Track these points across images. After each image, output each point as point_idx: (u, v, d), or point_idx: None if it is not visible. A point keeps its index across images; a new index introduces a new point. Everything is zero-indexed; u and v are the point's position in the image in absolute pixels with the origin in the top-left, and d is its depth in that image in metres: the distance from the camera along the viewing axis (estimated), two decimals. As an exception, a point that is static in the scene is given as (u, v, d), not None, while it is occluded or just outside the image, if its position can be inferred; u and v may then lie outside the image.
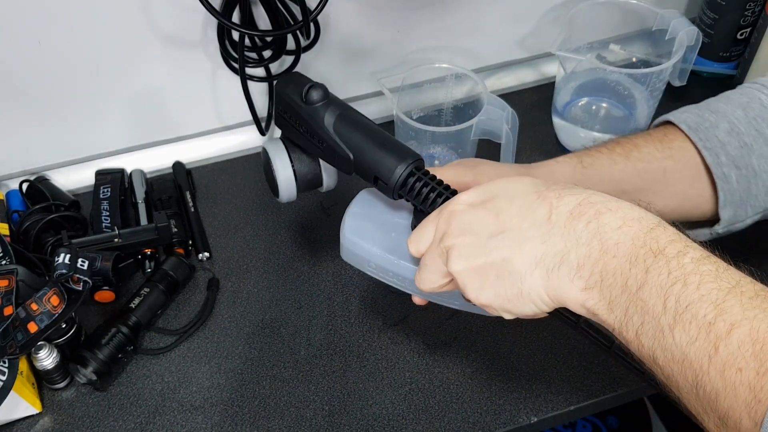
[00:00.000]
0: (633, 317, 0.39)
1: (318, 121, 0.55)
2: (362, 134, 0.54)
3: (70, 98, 0.80)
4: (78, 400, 0.68)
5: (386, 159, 0.52)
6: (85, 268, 0.66)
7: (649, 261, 0.39)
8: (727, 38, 0.92)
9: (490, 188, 0.47)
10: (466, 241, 0.45)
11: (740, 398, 0.34)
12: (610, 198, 0.43)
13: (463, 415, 0.66)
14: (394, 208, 0.58)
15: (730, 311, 0.35)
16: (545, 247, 0.42)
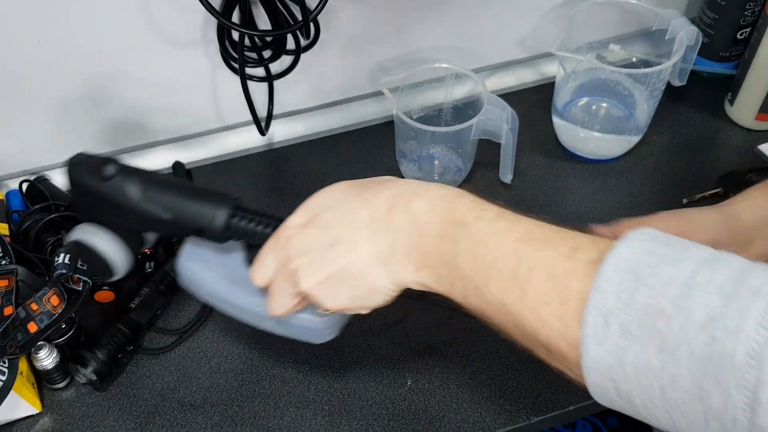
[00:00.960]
0: (457, 284, 0.45)
1: (122, 193, 0.53)
2: (172, 193, 0.53)
3: (70, 98, 0.80)
4: (78, 400, 0.68)
5: (204, 209, 0.52)
6: (85, 268, 0.66)
7: (456, 233, 0.44)
8: (726, 38, 0.92)
9: (312, 205, 0.50)
10: (308, 259, 0.48)
11: (554, 329, 0.39)
12: (419, 183, 0.48)
13: (463, 414, 0.66)
14: (222, 249, 0.57)
15: (526, 257, 0.41)
16: (376, 244, 0.47)
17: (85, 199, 0.54)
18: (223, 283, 0.56)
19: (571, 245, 0.40)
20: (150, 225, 0.54)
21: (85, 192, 0.53)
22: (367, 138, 0.93)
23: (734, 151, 0.88)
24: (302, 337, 0.57)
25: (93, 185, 0.53)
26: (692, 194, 0.82)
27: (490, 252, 0.42)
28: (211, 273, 0.57)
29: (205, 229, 0.52)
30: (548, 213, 0.82)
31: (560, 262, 0.39)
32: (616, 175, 0.86)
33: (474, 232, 0.44)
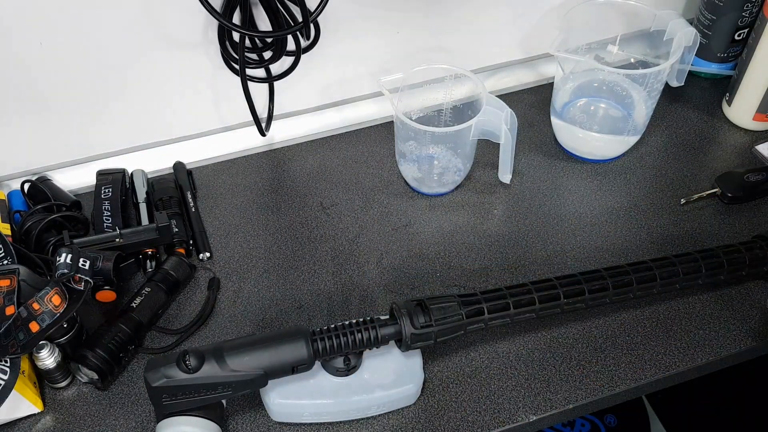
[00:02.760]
0: None
1: (214, 374, 0.56)
2: (257, 352, 0.57)
3: (72, 98, 0.80)
4: (79, 399, 0.69)
5: (293, 348, 0.57)
6: (87, 267, 0.66)
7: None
8: (724, 39, 0.92)
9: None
10: None
11: None
12: None
13: (462, 414, 0.66)
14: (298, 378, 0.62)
15: None
16: None
17: (173, 399, 0.57)
18: (326, 401, 0.62)
19: None
20: (243, 387, 0.57)
21: (172, 393, 0.56)
22: (366, 138, 0.93)
23: (732, 152, 0.89)
24: (398, 406, 0.66)
25: (181, 382, 0.56)
26: (690, 194, 0.83)
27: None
28: (307, 399, 0.62)
29: (299, 365, 0.58)
30: (547, 213, 0.83)
31: None
32: (614, 175, 0.87)
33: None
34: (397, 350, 0.63)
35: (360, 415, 0.64)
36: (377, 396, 0.63)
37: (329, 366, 0.62)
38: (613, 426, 1.13)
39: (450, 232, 0.81)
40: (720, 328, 0.72)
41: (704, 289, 0.74)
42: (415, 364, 0.65)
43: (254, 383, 0.57)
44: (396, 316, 0.61)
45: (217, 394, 0.57)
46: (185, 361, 0.55)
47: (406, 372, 0.64)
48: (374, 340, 0.59)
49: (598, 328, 0.72)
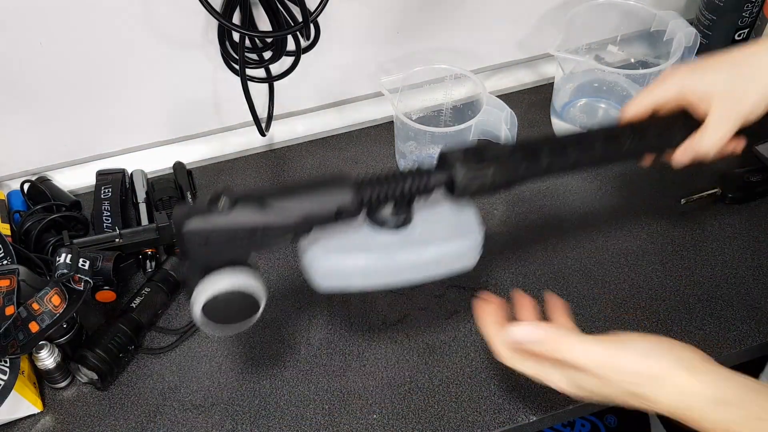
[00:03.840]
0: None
1: (251, 218, 0.49)
2: (296, 195, 0.50)
3: (71, 99, 0.80)
4: (79, 399, 0.69)
5: (337, 193, 0.50)
6: (87, 267, 0.66)
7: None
8: (724, 39, 0.92)
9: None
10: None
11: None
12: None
13: (463, 414, 0.66)
14: (341, 236, 0.55)
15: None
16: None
17: (203, 247, 0.49)
18: (376, 257, 0.54)
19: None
20: (281, 235, 0.51)
21: (204, 239, 0.49)
22: (366, 138, 0.93)
23: (732, 152, 0.89)
24: (456, 267, 0.57)
25: (214, 224, 0.49)
26: (690, 194, 0.83)
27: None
28: (356, 255, 0.54)
29: (343, 210, 0.50)
30: (547, 213, 0.83)
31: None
32: (614, 175, 0.87)
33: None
34: (449, 207, 0.57)
35: (415, 277, 0.56)
36: (432, 251, 0.55)
37: (377, 221, 0.54)
38: (613, 426, 1.13)
39: (450, 233, 0.81)
40: (720, 328, 0.72)
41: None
42: (471, 218, 0.57)
43: (296, 228, 0.50)
44: (447, 160, 0.53)
45: (257, 241, 0.50)
46: (217, 201, 0.49)
47: (461, 226, 0.57)
48: (424, 187, 0.52)
49: (598, 329, 0.72)
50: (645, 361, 0.47)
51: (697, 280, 0.75)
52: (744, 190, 0.82)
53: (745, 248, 0.78)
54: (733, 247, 0.78)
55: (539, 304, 0.74)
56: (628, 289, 0.75)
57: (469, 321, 0.73)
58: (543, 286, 0.76)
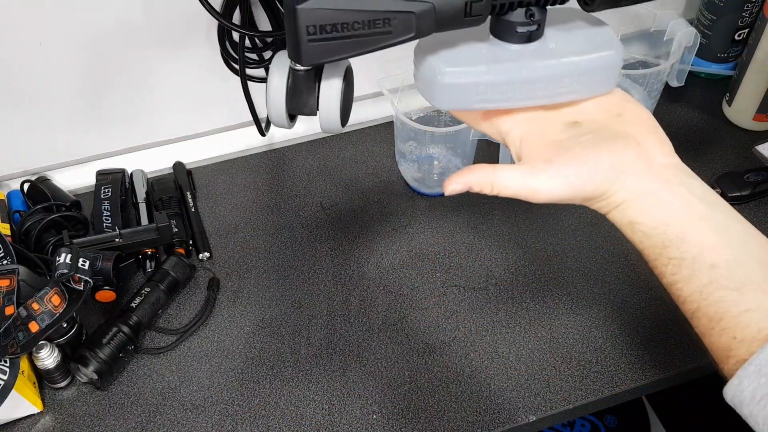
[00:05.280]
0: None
1: (368, 0, 0.43)
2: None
3: (71, 98, 0.80)
4: (79, 399, 0.69)
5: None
6: (86, 267, 0.66)
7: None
8: (724, 39, 0.92)
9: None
10: None
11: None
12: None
13: (462, 414, 0.66)
14: (463, 44, 0.49)
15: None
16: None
17: (315, 35, 0.43)
18: (507, 68, 0.47)
19: None
20: (406, 25, 0.44)
21: (322, 23, 0.42)
22: (366, 138, 0.93)
23: (732, 152, 0.89)
24: (596, 85, 0.49)
25: (334, 4, 0.42)
26: (690, 194, 0.83)
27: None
28: (484, 65, 0.47)
29: (473, 4, 0.43)
30: (547, 213, 0.83)
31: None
32: (614, 175, 0.87)
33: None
34: (584, 24, 0.51)
35: (551, 95, 0.48)
36: (570, 61, 0.48)
37: (507, 29, 0.47)
38: (613, 426, 1.13)
39: (450, 232, 0.81)
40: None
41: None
42: (609, 34, 0.51)
43: (420, 20, 0.43)
44: None
45: (374, 35, 0.44)
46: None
47: (601, 40, 0.50)
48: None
49: (598, 329, 0.72)
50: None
51: (697, 280, 0.75)
52: (744, 190, 0.81)
53: (745, 248, 0.78)
54: (733, 247, 0.78)
55: (539, 304, 0.74)
56: (628, 289, 0.75)
57: (469, 321, 0.73)
58: (543, 287, 0.76)
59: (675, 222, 0.43)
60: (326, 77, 0.48)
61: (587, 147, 0.45)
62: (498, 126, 0.50)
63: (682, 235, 0.43)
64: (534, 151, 0.47)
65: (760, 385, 0.38)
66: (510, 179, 0.47)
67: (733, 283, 0.41)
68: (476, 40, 0.48)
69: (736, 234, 0.44)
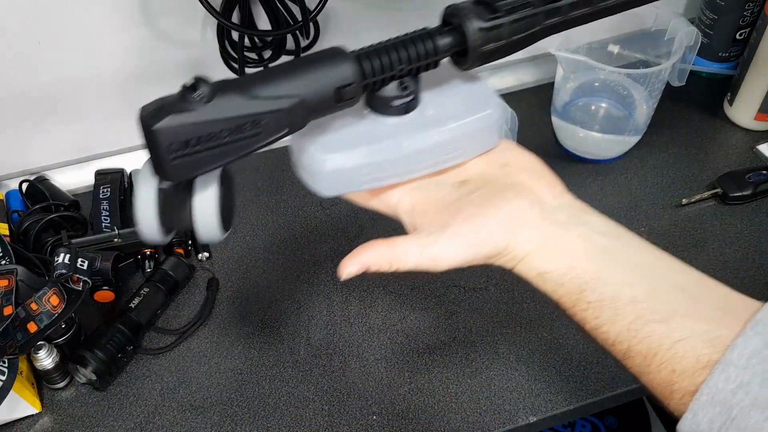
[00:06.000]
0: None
1: (236, 106, 0.40)
2: (289, 71, 0.41)
3: (70, 98, 0.80)
4: (77, 399, 0.68)
5: (332, 67, 0.41)
6: (85, 268, 0.66)
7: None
8: (726, 38, 0.92)
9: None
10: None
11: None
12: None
13: (463, 414, 0.66)
14: (337, 124, 0.47)
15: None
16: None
17: (181, 150, 0.40)
18: (388, 146, 0.46)
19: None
20: (274, 129, 0.42)
21: (182, 138, 0.40)
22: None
23: (733, 152, 0.89)
24: (479, 146, 0.49)
25: (194, 119, 0.39)
26: (691, 194, 0.82)
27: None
28: (364, 146, 0.45)
29: (344, 89, 0.42)
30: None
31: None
32: (615, 175, 0.87)
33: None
34: (460, 82, 0.50)
35: (437, 164, 0.48)
36: (451, 129, 0.47)
37: (382, 104, 0.46)
38: (614, 427, 1.12)
39: (450, 232, 0.81)
40: (721, 328, 0.71)
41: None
42: (487, 90, 0.50)
43: (291, 116, 0.41)
44: (454, 17, 0.45)
45: (243, 139, 0.42)
46: (193, 91, 0.39)
47: (478, 98, 0.49)
48: (433, 51, 0.45)
49: (599, 329, 0.72)
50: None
51: (698, 280, 0.75)
52: (745, 191, 0.81)
53: (747, 249, 0.78)
54: (734, 247, 0.78)
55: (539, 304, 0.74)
56: (628, 290, 0.75)
57: (469, 321, 0.72)
58: (543, 287, 0.75)
59: (584, 264, 0.42)
60: (200, 187, 0.45)
61: (479, 204, 0.44)
62: (387, 200, 0.48)
63: (595, 276, 0.41)
64: (427, 217, 0.46)
65: (716, 414, 0.36)
66: (408, 253, 0.45)
67: (659, 315, 0.40)
68: (353, 117, 0.47)
69: (649, 264, 0.43)
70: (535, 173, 0.47)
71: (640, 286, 0.41)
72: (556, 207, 0.44)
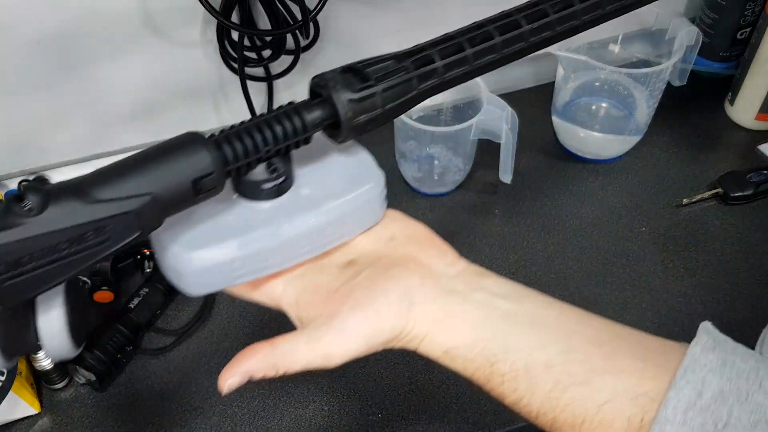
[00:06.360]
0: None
1: (74, 213, 0.34)
2: (134, 166, 0.36)
3: (69, 98, 0.80)
4: (77, 400, 0.68)
5: (188, 157, 0.36)
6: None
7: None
8: (726, 38, 0.92)
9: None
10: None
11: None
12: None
13: (463, 415, 0.66)
14: (199, 219, 0.42)
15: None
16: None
17: (10, 273, 0.34)
18: (262, 235, 0.42)
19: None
20: (125, 234, 0.37)
21: (13, 258, 0.33)
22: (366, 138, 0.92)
23: (734, 151, 0.88)
24: (362, 224, 0.46)
25: (23, 233, 0.33)
26: (692, 194, 0.82)
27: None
28: (235, 238, 0.41)
29: (202, 181, 0.37)
30: (547, 213, 0.82)
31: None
32: (615, 175, 0.86)
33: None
34: (337, 155, 0.47)
35: (317, 248, 0.44)
36: (329, 209, 0.43)
37: (251, 189, 0.42)
38: (614, 427, 1.12)
39: (450, 232, 0.81)
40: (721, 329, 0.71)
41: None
42: (366, 161, 0.49)
43: (141, 218, 0.36)
44: (322, 88, 0.41)
45: (87, 248, 0.36)
46: (21, 200, 0.33)
47: (356, 173, 0.47)
48: (301, 128, 0.40)
49: (600, 329, 0.71)
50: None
51: (699, 280, 0.75)
52: (746, 191, 0.81)
53: (747, 249, 0.78)
54: (735, 247, 0.78)
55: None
56: (629, 289, 0.74)
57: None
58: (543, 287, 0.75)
59: (490, 333, 0.39)
60: (43, 304, 0.39)
61: (368, 286, 0.40)
62: (269, 292, 0.44)
63: (503, 344, 0.39)
64: (314, 309, 0.41)
65: None
66: (295, 352, 0.41)
67: (577, 378, 0.37)
68: (220, 205, 0.42)
69: (556, 321, 0.40)
70: (424, 243, 0.44)
71: (553, 347, 0.38)
72: (452, 276, 0.42)
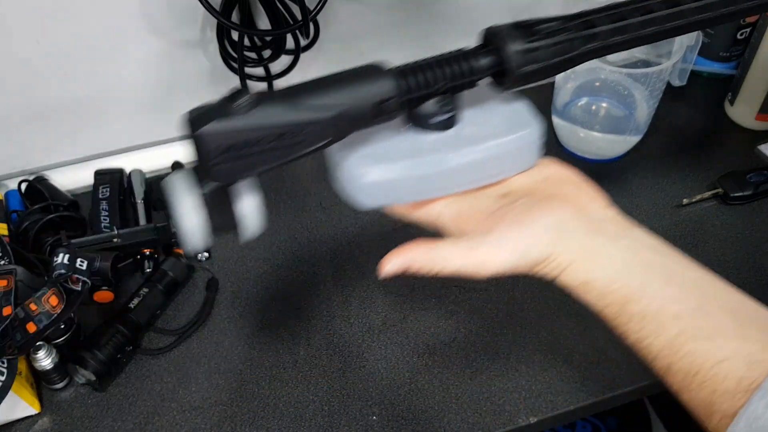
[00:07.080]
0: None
1: (279, 116, 0.41)
2: (328, 83, 0.43)
3: (69, 98, 0.80)
4: (77, 400, 0.68)
5: (374, 84, 0.43)
6: (84, 268, 0.66)
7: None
8: (727, 38, 0.92)
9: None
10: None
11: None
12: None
13: (463, 415, 0.66)
14: (375, 139, 0.48)
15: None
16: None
17: (223, 155, 0.41)
18: (427, 161, 0.47)
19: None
20: (315, 138, 0.43)
21: (225, 144, 0.41)
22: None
23: (734, 152, 0.88)
24: (516, 166, 0.50)
25: (238, 126, 0.40)
26: (692, 195, 0.82)
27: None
28: (403, 161, 0.46)
29: (385, 103, 0.43)
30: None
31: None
32: (615, 175, 0.86)
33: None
34: (500, 102, 0.51)
35: (477, 180, 0.48)
36: (489, 146, 0.47)
37: (422, 120, 0.47)
38: (614, 428, 1.12)
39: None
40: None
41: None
42: (525, 109, 0.52)
43: (331, 127, 0.42)
44: (493, 38, 0.48)
45: (286, 147, 0.42)
46: (237, 99, 0.40)
47: (518, 117, 0.51)
48: (471, 71, 0.46)
49: (599, 329, 0.71)
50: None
51: (699, 280, 0.75)
52: (746, 191, 0.81)
53: (747, 249, 0.77)
54: (735, 247, 0.78)
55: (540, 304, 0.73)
56: (629, 290, 0.74)
57: (469, 321, 0.72)
58: (544, 287, 0.75)
59: (630, 276, 0.42)
60: (241, 190, 0.47)
61: (523, 211, 0.44)
62: (428, 213, 0.49)
63: (640, 289, 0.41)
64: (470, 225, 0.46)
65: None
66: (452, 256, 0.45)
67: (703, 333, 0.39)
68: (393, 131, 0.48)
69: (693, 282, 0.42)
70: (577, 186, 0.47)
71: (686, 303, 0.40)
72: (602, 218, 0.44)
